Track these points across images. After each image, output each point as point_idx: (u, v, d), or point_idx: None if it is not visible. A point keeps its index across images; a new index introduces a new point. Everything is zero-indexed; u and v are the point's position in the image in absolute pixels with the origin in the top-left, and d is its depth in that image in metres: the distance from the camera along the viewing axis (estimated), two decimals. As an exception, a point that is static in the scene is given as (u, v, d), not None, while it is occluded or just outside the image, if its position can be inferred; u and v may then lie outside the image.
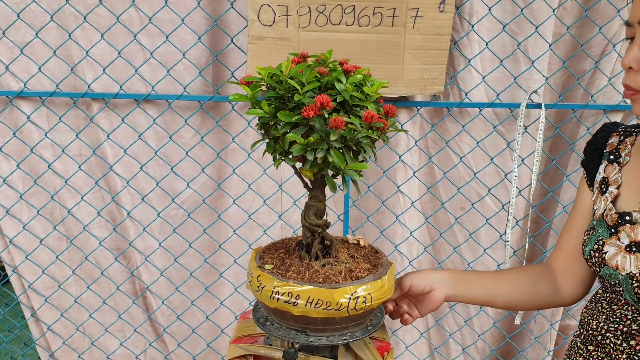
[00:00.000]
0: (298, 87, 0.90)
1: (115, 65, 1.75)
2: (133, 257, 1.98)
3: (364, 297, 0.92)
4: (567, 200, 1.92)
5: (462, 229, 1.98)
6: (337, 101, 0.91)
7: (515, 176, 1.82)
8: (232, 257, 1.96)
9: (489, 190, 1.90)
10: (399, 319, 1.14)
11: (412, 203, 1.92)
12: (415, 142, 1.89)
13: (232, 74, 1.77)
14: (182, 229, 1.94)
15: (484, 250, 1.96)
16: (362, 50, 1.67)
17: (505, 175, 1.89)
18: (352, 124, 0.89)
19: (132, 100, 1.79)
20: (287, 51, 1.67)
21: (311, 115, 0.86)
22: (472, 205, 1.92)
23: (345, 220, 1.92)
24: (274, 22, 1.66)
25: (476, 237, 1.97)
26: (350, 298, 0.91)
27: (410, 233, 1.94)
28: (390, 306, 1.12)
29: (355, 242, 1.10)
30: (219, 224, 1.95)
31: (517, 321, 1.98)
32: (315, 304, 0.91)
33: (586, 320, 1.05)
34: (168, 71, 1.76)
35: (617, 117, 1.83)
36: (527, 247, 1.92)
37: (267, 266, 0.99)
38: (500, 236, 1.94)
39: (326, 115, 0.89)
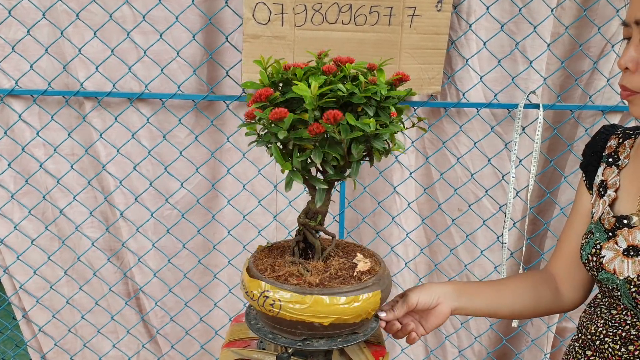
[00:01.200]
0: (308, 95, 0.88)
1: (108, 64, 1.74)
2: (126, 257, 1.96)
3: (274, 299, 0.91)
4: (565, 202, 1.92)
5: (458, 231, 1.97)
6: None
7: (513, 177, 1.81)
8: (227, 258, 1.94)
9: (486, 191, 1.89)
10: (405, 337, 1.11)
11: (408, 204, 1.91)
12: (412, 142, 1.88)
13: (227, 73, 1.76)
14: (175, 229, 1.92)
15: (481, 252, 1.95)
16: (358, 50, 1.66)
17: (503, 177, 1.88)
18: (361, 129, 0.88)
19: (125, 99, 1.77)
20: (282, 50, 1.66)
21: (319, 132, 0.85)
22: (469, 206, 1.91)
23: (340, 222, 1.90)
24: (269, 20, 1.65)
25: (473, 238, 1.96)
26: (260, 294, 0.92)
27: (407, 234, 1.93)
28: (398, 325, 1.09)
29: (359, 261, 1.08)
30: (213, 224, 1.93)
31: (515, 324, 1.98)
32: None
33: (585, 324, 1.04)
34: (162, 70, 1.74)
35: (615, 119, 1.83)
36: (524, 248, 1.91)
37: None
38: (498, 238, 1.93)
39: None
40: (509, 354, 2.14)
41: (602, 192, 1.03)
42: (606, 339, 0.96)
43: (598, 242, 0.98)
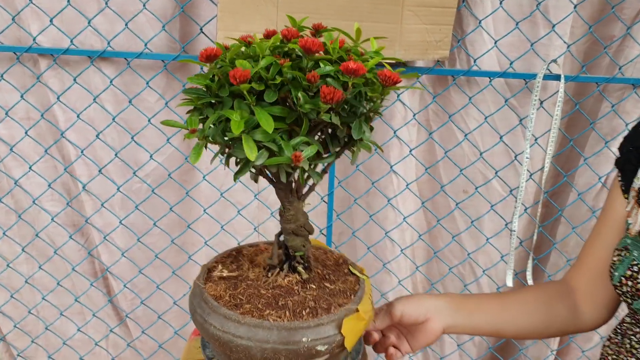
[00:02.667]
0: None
1: (65, 16, 1.50)
2: (91, 234, 1.77)
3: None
4: (583, 186, 1.70)
5: (463, 215, 1.76)
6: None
7: (527, 158, 1.59)
8: (203, 238, 1.75)
9: (497, 172, 1.67)
10: (384, 353, 0.93)
11: (407, 185, 1.69)
12: (414, 115, 1.65)
13: (201, 29, 1.52)
14: (146, 205, 1.72)
15: (487, 239, 1.75)
16: (352, 5, 1.42)
17: (516, 157, 1.66)
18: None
19: (85, 58, 1.55)
20: (265, 5, 1.42)
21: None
22: (476, 189, 1.69)
23: (329, 203, 1.70)
24: (249, -32, 1.41)
25: (479, 224, 1.75)
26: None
27: (404, 218, 1.73)
28: (376, 335, 0.92)
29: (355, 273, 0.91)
30: (188, 201, 1.73)
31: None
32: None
33: (610, 358, 0.84)
34: (126, 24, 1.51)
35: (648, 94, 1.60)
36: (535, 237, 1.70)
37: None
38: (506, 225, 1.72)
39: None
40: (512, 349, 1.96)
41: None
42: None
43: (636, 262, 0.77)
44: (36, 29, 1.51)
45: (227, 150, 0.77)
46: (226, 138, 0.72)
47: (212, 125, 0.72)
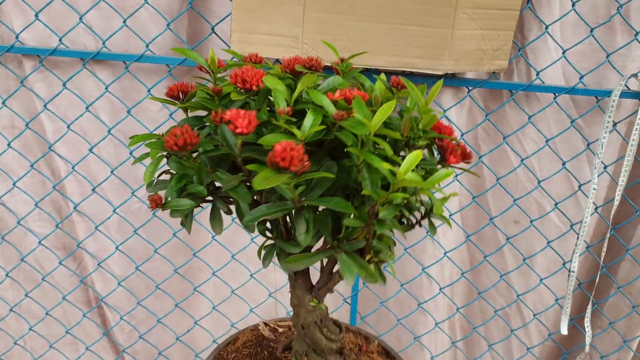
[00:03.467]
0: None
1: (54, 10, 1.28)
2: (84, 260, 1.56)
3: None
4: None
5: (512, 250, 1.52)
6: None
7: (594, 189, 1.34)
8: (211, 268, 1.53)
9: (556, 204, 1.42)
10: None
11: (450, 215, 1.45)
12: (462, 134, 1.41)
13: (213, 28, 1.29)
14: (146, 228, 1.50)
15: (541, 280, 1.51)
16: (394, 5, 1.18)
17: (580, 187, 1.41)
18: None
19: (76, 59, 1.32)
20: (288, 2, 1.18)
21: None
22: (532, 222, 1.45)
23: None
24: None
25: (531, 262, 1.51)
26: None
27: (445, 253, 1.49)
28: None
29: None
30: (194, 224, 1.50)
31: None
32: None
33: None
34: (125, 21, 1.28)
35: None
36: (597, 279, 1.46)
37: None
38: (564, 264, 1.48)
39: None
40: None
41: None
42: None
43: None
44: (20, 25, 1.29)
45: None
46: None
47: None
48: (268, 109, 0.69)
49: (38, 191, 1.48)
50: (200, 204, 0.68)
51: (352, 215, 0.60)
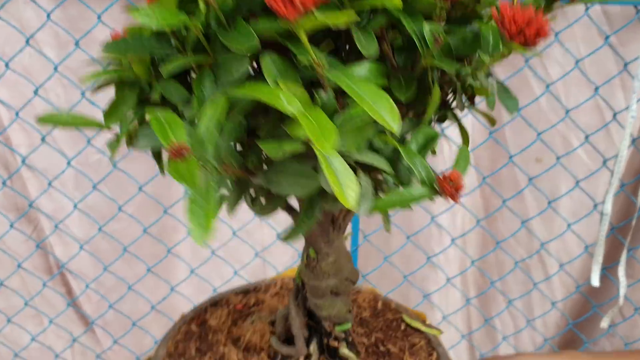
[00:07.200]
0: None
1: None
2: (40, 221, 1.42)
3: None
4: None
5: (534, 193, 1.39)
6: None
7: (632, 117, 1.20)
8: (185, 226, 1.39)
9: (587, 136, 1.28)
10: None
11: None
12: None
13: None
14: (108, 183, 1.36)
15: (569, 225, 1.38)
16: None
17: (615, 115, 1.27)
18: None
19: (9, -19, 1.16)
20: None
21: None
22: (558, 159, 1.31)
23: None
24: None
25: (557, 204, 1.38)
26: None
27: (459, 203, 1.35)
28: None
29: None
30: (165, 177, 1.36)
31: (604, 324, 1.43)
32: None
33: None
34: None
35: None
36: (634, 222, 1.33)
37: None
38: (595, 206, 1.35)
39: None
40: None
41: None
42: None
43: None
44: None
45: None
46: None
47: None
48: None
49: (-22, 143, 1.33)
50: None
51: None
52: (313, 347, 0.56)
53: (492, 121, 0.63)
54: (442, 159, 1.33)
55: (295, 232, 0.50)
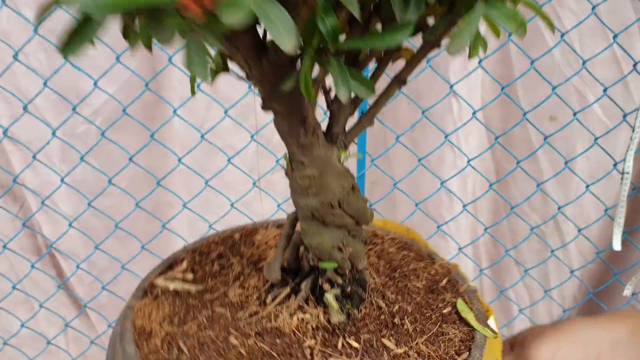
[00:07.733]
0: None
1: None
2: (26, 198, 1.35)
3: None
4: None
5: (548, 154, 1.32)
6: None
7: (654, 66, 1.14)
8: (182, 199, 1.33)
9: (605, 89, 1.21)
10: None
11: (473, 114, 1.24)
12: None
13: None
14: (97, 154, 1.29)
15: (587, 186, 1.31)
16: None
17: (635, 65, 1.20)
18: None
19: None
20: None
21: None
22: (575, 115, 1.24)
23: (360, 146, 1.25)
24: None
25: (573, 165, 1.31)
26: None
27: (468, 161, 1.28)
28: None
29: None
30: (156, 146, 1.29)
31: (627, 292, 1.36)
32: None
33: None
34: None
35: None
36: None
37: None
38: (615, 165, 1.28)
39: None
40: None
41: None
42: None
43: None
44: None
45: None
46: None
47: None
48: None
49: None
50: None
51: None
52: (306, 283, 0.49)
53: (496, 32, 0.55)
54: (452, 119, 1.26)
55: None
